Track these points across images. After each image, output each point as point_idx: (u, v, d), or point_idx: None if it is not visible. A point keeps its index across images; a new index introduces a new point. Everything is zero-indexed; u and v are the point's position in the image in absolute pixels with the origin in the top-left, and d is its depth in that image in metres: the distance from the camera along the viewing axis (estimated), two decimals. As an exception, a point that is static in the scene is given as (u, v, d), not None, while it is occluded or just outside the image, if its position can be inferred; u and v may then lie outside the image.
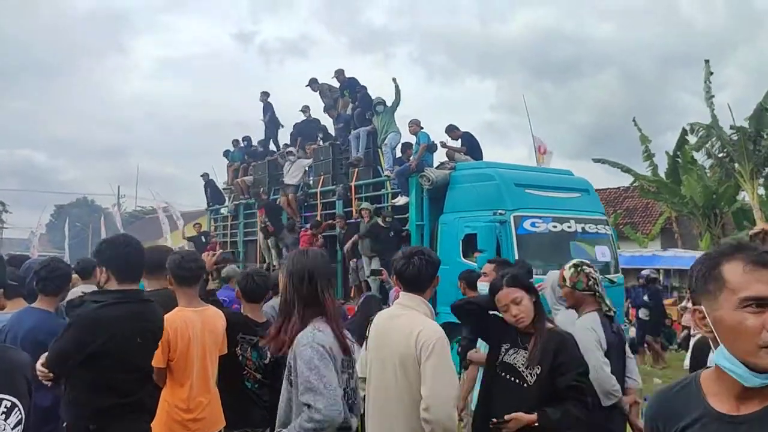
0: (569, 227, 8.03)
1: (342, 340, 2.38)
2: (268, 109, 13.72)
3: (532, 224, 7.80)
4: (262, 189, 12.42)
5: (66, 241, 28.90)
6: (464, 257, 8.11)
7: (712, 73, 18.08)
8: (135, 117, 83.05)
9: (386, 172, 9.59)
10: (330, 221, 10.68)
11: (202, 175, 15.60)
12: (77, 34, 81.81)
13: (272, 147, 13.96)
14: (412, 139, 9.52)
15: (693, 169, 18.35)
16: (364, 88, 10.77)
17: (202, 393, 3.16)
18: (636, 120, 20.23)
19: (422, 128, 9.16)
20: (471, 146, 9.17)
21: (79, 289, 4.32)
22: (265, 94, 13.84)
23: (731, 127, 17.78)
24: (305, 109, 12.96)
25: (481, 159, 9.20)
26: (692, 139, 19.10)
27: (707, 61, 18.26)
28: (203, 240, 14.62)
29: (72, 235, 29.40)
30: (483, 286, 4.09)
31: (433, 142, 9.07)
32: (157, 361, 2.96)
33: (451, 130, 9.36)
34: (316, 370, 2.22)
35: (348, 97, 11.22)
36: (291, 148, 12.06)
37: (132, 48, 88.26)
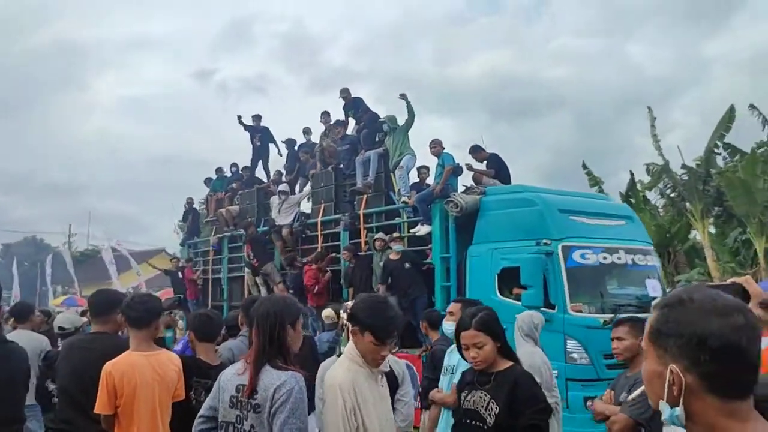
0: (619, 259, 7.14)
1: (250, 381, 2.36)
2: (261, 133, 12.60)
3: (582, 255, 6.88)
4: (250, 220, 11.21)
5: (15, 281, 26.71)
6: (501, 294, 7.14)
7: (655, 118, 18.83)
8: (90, 154, 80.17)
9: (403, 199, 8.58)
10: (334, 254, 9.57)
11: (186, 202, 14.31)
12: (32, 70, 79.08)
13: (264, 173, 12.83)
14: (429, 161, 8.64)
15: (646, 209, 18.45)
16: (369, 109, 9.85)
17: (152, 439, 3.05)
18: (586, 162, 20.47)
19: (444, 148, 8.25)
20: (499, 168, 8.30)
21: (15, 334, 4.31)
22: (257, 118, 12.75)
23: (682, 167, 18.28)
24: (307, 131, 11.88)
25: (510, 183, 8.33)
26: (644, 176, 19.72)
27: (650, 108, 19.02)
28: (180, 276, 13.26)
29: (19, 273, 27.23)
30: (449, 326, 4.38)
31: (458, 164, 8.16)
32: (103, 406, 2.96)
33: (476, 151, 8.48)
34: None
35: (353, 117, 10.27)
36: (284, 185, 10.91)
37: (88, 85, 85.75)
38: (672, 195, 19.19)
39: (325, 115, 11.05)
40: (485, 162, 8.45)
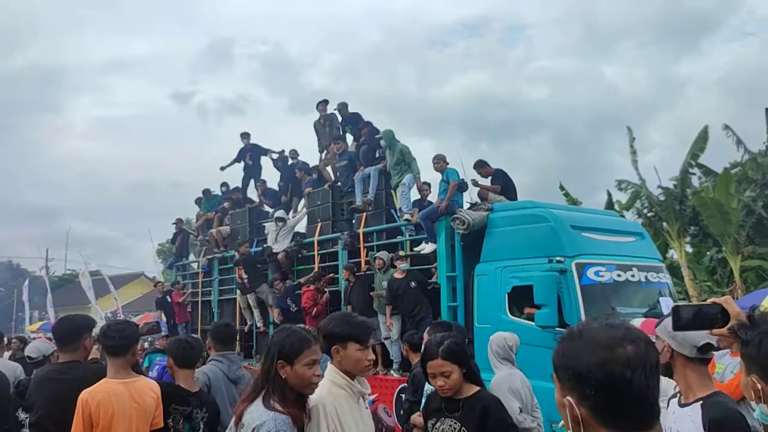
0: (633, 276, 6.87)
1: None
2: (250, 152, 12.27)
3: (596, 273, 6.60)
4: (244, 242, 10.79)
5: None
6: (511, 314, 6.85)
7: (634, 138, 19.00)
8: (68, 177, 79.04)
9: (405, 216, 8.28)
10: (331, 274, 9.21)
11: (175, 222, 13.86)
12: (8, 93, 78.14)
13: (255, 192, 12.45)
14: (429, 177, 8.38)
15: (623, 229, 18.63)
16: (370, 123, 9.57)
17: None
18: (564, 183, 20.63)
19: (449, 164, 7.99)
20: (505, 184, 8.05)
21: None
22: (246, 136, 12.43)
23: (659, 187, 18.49)
24: (293, 155, 11.58)
25: (516, 199, 8.09)
26: (621, 195, 19.91)
27: (629, 128, 19.20)
28: (168, 300, 12.74)
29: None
30: None
31: (463, 180, 7.90)
32: None
33: (481, 167, 8.22)
34: None
35: (350, 133, 10.00)
36: (281, 212, 10.53)
37: (66, 107, 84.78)
38: (649, 215, 19.30)
39: (323, 103, 10.70)
40: (490, 177, 8.21)
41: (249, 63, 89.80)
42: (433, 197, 8.80)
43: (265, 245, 10.49)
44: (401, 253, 7.83)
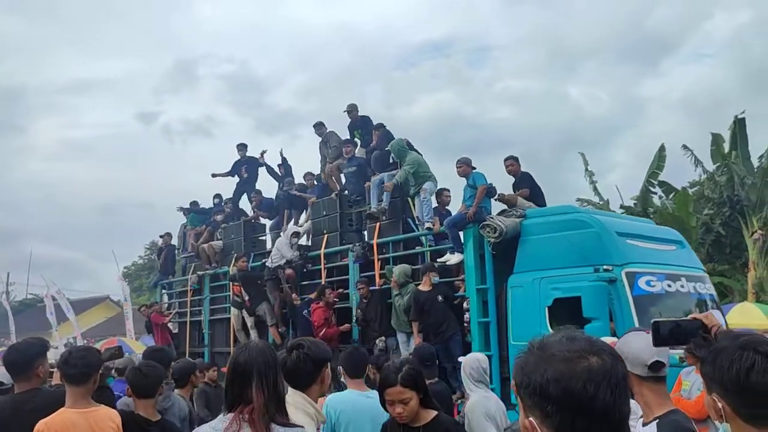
0: (682, 287, 6.39)
1: None
2: (246, 164, 11.53)
3: (647, 282, 6.09)
4: (241, 257, 9.99)
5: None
6: (552, 329, 6.25)
7: (588, 162, 19.11)
8: (31, 199, 75.75)
9: (427, 225, 7.65)
10: (340, 289, 8.50)
11: (162, 236, 12.97)
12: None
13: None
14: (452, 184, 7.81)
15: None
16: (382, 126, 8.92)
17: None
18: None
19: (475, 168, 7.43)
20: (533, 189, 7.53)
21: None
22: (243, 147, 11.69)
23: (621, 207, 18.39)
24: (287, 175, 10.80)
25: (545, 206, 7.56)
26: None
27: (582, 154, 19.34)
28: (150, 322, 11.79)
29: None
30: None
31: (492, 184, 7.33)
32: None
33: (511, 162, 7.68)
34: None
35: (359, 138, 9.36)
36: (295, 227, 9.77)
37: (30, 128, 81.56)
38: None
39: (318, 126, 9.99)
40: (514, 179, 7.68)
41: (215, 83, 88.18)
42: (452, 207, 8.22)
43: (264, 260, 9.70)
44: (433, 263, 7.18)
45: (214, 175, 12.06)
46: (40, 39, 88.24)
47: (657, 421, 2.09)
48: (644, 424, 2.15)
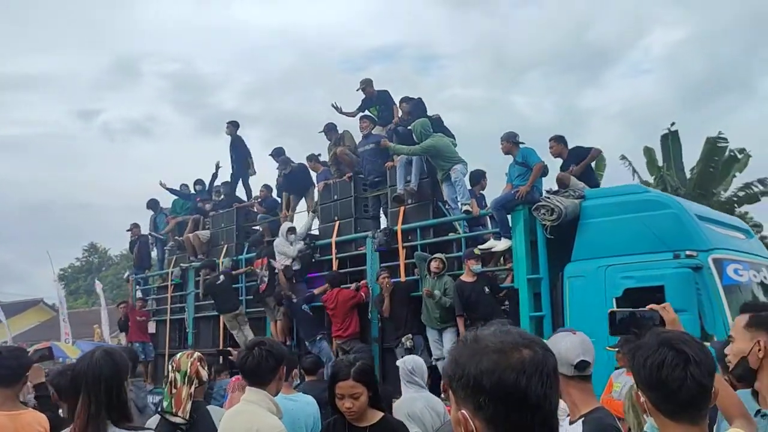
0: (766, 277, 5.70)
1: None
2: (237, 144, 10.38)
3: (735, 271, 5.34)
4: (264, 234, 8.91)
5: None
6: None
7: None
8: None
9: (465, 208, 6.74)
10: (361, 281, 7.49)
11: (131, 228, 11.65)
12: None
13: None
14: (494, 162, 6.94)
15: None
16: (410, 98, 7.90)
17: None
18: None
19: (523, 143, 6.58)
20: (586, 171, 6.74)
21: None
22: (234, 125, 10.47)
23: None
24: (285, 164, 9.23)
25: (599, 187, 6.78)
26: None
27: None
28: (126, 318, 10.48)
29: None
30: None
31: (544, 162, 6.50)
32: None
33: (558, 141, 6.89)
34: None
35: (377, 115, 8.37)
36: (289, 222, 8.58)
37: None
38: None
39: (331, 129, 8.78)
40: (561, 159, 6.90)
41: (158, 81, 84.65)
42: (486, 191, 7.38)
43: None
44: (476, 251, 6.26)
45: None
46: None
47: (582, 419, 2.14)
48: (571, 422, 2.18)
